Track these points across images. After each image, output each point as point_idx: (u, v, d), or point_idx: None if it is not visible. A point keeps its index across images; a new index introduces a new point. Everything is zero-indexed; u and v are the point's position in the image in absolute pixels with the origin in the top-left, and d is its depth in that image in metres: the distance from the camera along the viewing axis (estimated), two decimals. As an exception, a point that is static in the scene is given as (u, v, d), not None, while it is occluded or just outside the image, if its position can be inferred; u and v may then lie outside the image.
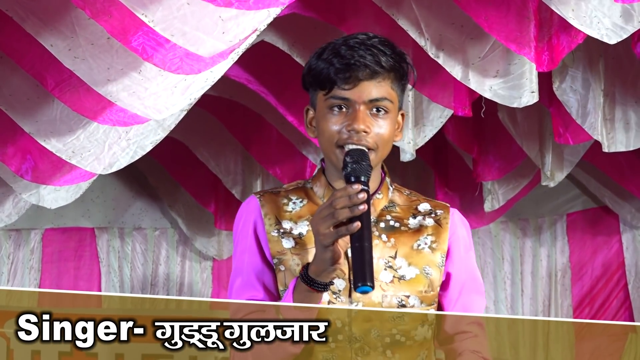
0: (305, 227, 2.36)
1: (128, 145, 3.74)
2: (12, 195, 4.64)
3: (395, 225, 2.39)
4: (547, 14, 3.72)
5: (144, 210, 5.83)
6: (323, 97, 2.36)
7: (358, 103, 2.32)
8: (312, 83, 2.39)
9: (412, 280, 2.33)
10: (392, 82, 2.36)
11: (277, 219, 2.38)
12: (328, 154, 2.37)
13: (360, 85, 2.33)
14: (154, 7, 3.07)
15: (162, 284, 5.76)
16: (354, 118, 2.32)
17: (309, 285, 2.22)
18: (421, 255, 2.36)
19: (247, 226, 2.41)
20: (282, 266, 2.34)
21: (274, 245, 2.35)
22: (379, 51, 2.35)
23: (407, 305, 2.30)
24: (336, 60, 2.33)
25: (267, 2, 3.10)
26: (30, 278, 5.58)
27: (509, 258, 5.93)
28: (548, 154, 4.92)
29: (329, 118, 2.34)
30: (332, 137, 2.34)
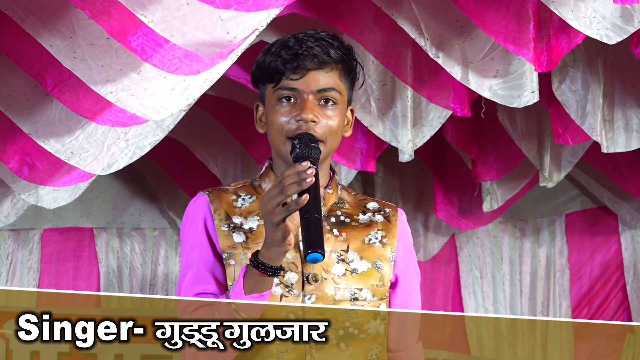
0: (255, 222, 2.36)
1: (127, 146, 3.74)
2: (10, 195, 4.63)
3: (346, 220, 2.39)
4: (546, 14, 3.72)
5: (143, 210, 5.83)
6: (272, 90, 2.37)
7: (306, 93, 2.33)
8: (260, 77, 2.40)
9: (364, 274, 2.33)
10: (341, 74, 2.37)
11: (227, 214, 2.38)
12: (277, 145, 2.38)
13: (309, 75, 2.34)
14: (153, 7, 3.06)
15: (161, 284, 5.76)
16: (302, 108, 2.33)
17: (260, 270, 2.21)
18: (372, 250, 2.37)
19: (196, 222, 2.39)
20: (232, 260, 2.34)
21: (224, 240, 2.35)
22: (328, 43, 2.38)
23: (359, 299, 2.31)
24: (284, 52, 2.35)
25: (266, 2, 3.10)
26: (29, 278, 5.58)
27: (507, 258, 5.93)
28: (546, 155, 4.92)
29: (277, 110, 2.35)
30: (281, 129, 2.35)
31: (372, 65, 4.15)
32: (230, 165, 5.37)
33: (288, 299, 2.29)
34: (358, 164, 4.74)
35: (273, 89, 2.37)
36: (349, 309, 2.28)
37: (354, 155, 4.73)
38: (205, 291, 2.34)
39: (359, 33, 4.05)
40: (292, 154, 2.30)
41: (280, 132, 2.35)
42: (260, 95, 2.44)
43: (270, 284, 2.25)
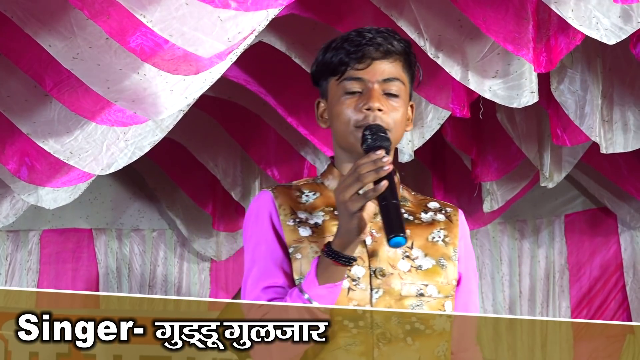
0: (320, 217, 2.35)
1: (126, 146, 3.74)
2: (9, 196, 4.64)
3: (409, 218, 2.39)
4: (545, 15, 3.72)
5: (142, 211, 5.83)
6: (336, 82, 2.36)
7: (372, 82, 2.33)
8: (322, 72, 2.38)
9: (429, 271, 2.33)
10: (403, 66, 2.37)
11: (292, 209, 2.36)
12: (344, 136, 2.36)
13: (374, 65, 2.34)
14: (152, 7, 3.06)
15: (160, 285, 5.76)
16: (369, 97, 2.32)
17: (335, 260, 2.20)
18: (436, 247, 2.37)
19: (261, 218, 2.37)
20: (298, 254, 2.32)
21: (291, 234, 2.33)
22: (389, 35, 2.37)
23: (425, 295, 2.30)
24: (347, 44, 2.35)
25: (265, 3, 3.10)
26: (28, 279, 5.58)
27: (507, 259, 5.93)
28: (547, 155, 4.92)
29: (343, 101, 2.34)
30: (349, 119, 2.33)
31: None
32: (229, 166, 5.37)
33: (355, 293, 2.28)
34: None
35: (337, 81, 2.36)
36: (415, 304, 2.28)
37: (353, 156, 4.72)
38: (274, 284, 2.31)
39: (358, 34, 4.04)
40: (364, 145, 2.28)
41: (348, 123, 2.34)
42: (322, 91, 2.42)
43: (343, 274, 2.24)
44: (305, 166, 5.27)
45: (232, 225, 5.64)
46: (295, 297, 2.24)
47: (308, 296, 2.23)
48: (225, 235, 5.74)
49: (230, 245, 5.78)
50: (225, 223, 5.67)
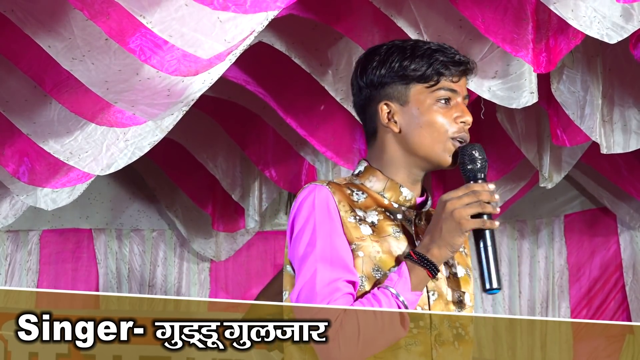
0: (375, 216, 2.35)
1: (126, 147, 3.74)
2: (9, 196, 4.64)
3: None
4: (544, 15, 3.72)
5: (142, 211, 5.83)
6: (426, 89, 2.37)
7: (460, 96, 2.39)
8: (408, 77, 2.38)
9: (462, 279, 2.38)
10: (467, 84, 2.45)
11: (350, 206, 2.35)
12: (433, 144, 2.38)
13: (462, 80, 2.40)
14: (152, 8, 3.06)
15: (159, 286, 5.76)
16: (464, 110, 2.38)
17: (429, 269, 2.24)
18: (462, 257, 2.42)
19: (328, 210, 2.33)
20: (360, 252, 2.30)
21: (352, 231, 2.31)
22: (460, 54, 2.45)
23: (463, 301, 2.35)
24: (439, 55, 2.38)
25: (264, 5, 3.10)
26: (27, 279, 5.58)
27: (506, 259, 5.93)
28: (546, 156, 4.92)
29: (437, 110, 2.37)
30: (446, 129, 2.36)
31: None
32: (229, 166, 5.38)
33: None
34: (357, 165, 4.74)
35: (428, 88, 2.37)
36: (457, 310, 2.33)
37: (353, 156, 4.73)
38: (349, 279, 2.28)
39: (357, 34, 4.05)
40: (470, 165, 2.34)
41: (441, 132, 2.36)
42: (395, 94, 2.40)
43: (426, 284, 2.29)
44: (304, 167, 5.28)
45: (232, 225, 5.64)
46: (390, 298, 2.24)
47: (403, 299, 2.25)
48: (224, 235, 5.75)
49: (229, 246, 5.78)
50: (224, 223, 5.67)
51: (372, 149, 2.46)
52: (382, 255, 2.29)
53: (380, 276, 2.28)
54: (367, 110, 2.46)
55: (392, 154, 2.42)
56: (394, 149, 2.42)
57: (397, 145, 2.41)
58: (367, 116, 2.46)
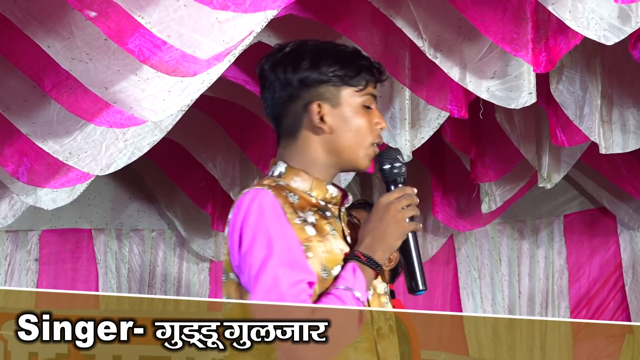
0: (312, 216, 2.36)
1: (125, 147, 3.74)
2: (8, 196, 4.64)
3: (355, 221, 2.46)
4: (544, 15, 3.72)
5: (141, 211, 5.83)
6: (356, 93, 2.38)
7: (374, 102, 2.41)
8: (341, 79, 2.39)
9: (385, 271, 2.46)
10: None
11: (292, 207, 2.36)
12: (355, 150, 2.39)
13: (377, 87, 2.44)
14: (150, 8, 3.06)
15: (159, 286, 5.76)
16: (380, 116, 2.41)
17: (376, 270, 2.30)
18: None
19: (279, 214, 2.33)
20: (310, 253, 2.30)
21: (299, 233, 2.31)
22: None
23: (387, 293, 2.38)
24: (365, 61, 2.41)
25: (263, 4, 3.10)
26: (27, 279, 5.58)
27: (506, 259, 5.93)
28: (545, 156, 4.93)
29: (363, 114, 2.40)
30: (368, 134, 2.39)
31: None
32: (228, 166, 5.38)
33: None
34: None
35: (357, 92, 2.39)
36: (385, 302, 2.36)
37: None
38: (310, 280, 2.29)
39: (356, 34, 4.05)
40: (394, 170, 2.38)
41: (364, 137, 2.38)
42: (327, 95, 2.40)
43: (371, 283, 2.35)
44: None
45: (231, 225, 5.64)
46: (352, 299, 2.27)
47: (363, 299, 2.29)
48: (224, 235, 5.74)
49: (229, 246, 5.78)
50: (224, 223, 5.63)
51: (290, 149, 2.44)
52: (327, 254, 2.30)
53: (327, 276, 2.28)
54: (289, 108, 2.42)
55: (314, 154, 2.41)
56: (316, 149, 2.41)
57: (320, 146, 2.40)
58: (289, 114, 2.42)
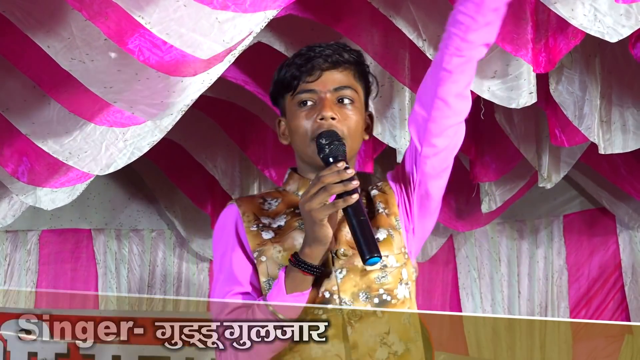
0: (283, 220, 2.41)
1: (125, 147, 3.74)
2: (8, 196, 4.63)
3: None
4: (544, 15, 3.73)
5: (141, 211, 5.83)
6: (291, 97, 2.41)
7: (324, 92, 2.38)
8: (279, 90, 2.45)
9: (385, 241, 2.37)
10: (355, 75, 2.41)
11: (255, 215, 2.43)
12: (303, 149, 2.43)
13: (324, 75, 2.40)
14: (150, 8, 3.06)
15: (159, 286, 5.76)
16: (322, 107, 2.38)
17: (302, 269, 2.26)
18: (382, 218, 2.42)
19: (227, 228, 2.44)
20: (263, 257, 2.37)
21: (254, 239, 2.39)
22: (339, 47, 2.44)
23: (387, 265, 2.34)
24: (297, 59, 2.42)
25: (263, 4, 3.10)
26: (27, 279, 5.58)
27: (505, 259, 5.93)
28: (545, 156, 4.93)
29: (299, 114, 2.40)
30: (305, 132, 2.40)
31: (369, 66, 4.15)
32: (228, 166, 5.37)
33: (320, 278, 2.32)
34: (356, 165, 4.74)
35: (292, 96, 2.40)
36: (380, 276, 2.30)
37: (352, 156, 4.73)
38: (239, 291, 2.37)
39: (356, 34, 4.05)
40: (321, 154, 2.34)
41: (305, 135, 2.39)
42: (281, 109, 2.48)
43: (310, 282, 2.30)
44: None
45: (231, 225, 5.64)
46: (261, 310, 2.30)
47: (272, 308, 2.29)
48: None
49: (229, 246, 5.78)
50: (224, 223, 5.67)
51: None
52: (284, 253, 2.34)
53: None
54: None
55: (299, 164, 2.54)
56: (297, 158, 2.53)
57: (295, 153, 2.51)
58: None
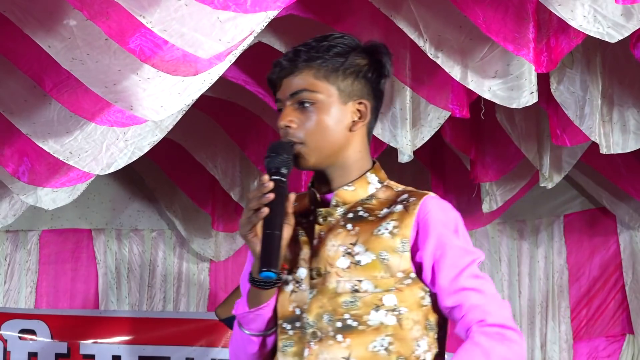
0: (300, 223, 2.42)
1: (126, 146, 3.74)
2: (8, 196, 4.63)
3: (364, 215, 2.35)
4: (545, 14, 3.73)
5: (141, 211, 5.83)
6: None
7: (284, 101, 2.36)
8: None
9: (368, 266, 2.29)
10: (317, 72, 2.34)
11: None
12: None
13: (283, 83, 2.36)
14: (151, 8, 3.06)
15: (159, 286, 5.76)
16: (282, 115, 2.35)
17: (254, 285, 2.28)
18: (379, 241, 2.31)
19: None
20: None
21: None
22: (306, 46, 2.37)
23: (359, 290, 2.26)
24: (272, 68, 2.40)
25: (264, 4, 3.10)
26: (27, 279, 5.58)
27: (506, 259, 5.93)
28: (546, 156, 4.93)
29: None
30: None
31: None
32: (229, 166, 5.37)
33: (296, 294, 2.30)
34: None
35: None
36: (349, 301, 2.26)
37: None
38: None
39: (357, 34, 4.00)
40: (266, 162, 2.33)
41: None
42: None
43: (269, 296, 2.29)
44: (304, 167, 5.27)
45: (232, 225, 5.64)
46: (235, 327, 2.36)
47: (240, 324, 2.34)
48: (224, 235, 5.74)
49: (229, 246, 5.78)
50: (224, 223, 5.67)
51: None
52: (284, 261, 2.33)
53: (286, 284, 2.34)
54: None
55: None
56: None
57: None
58: None
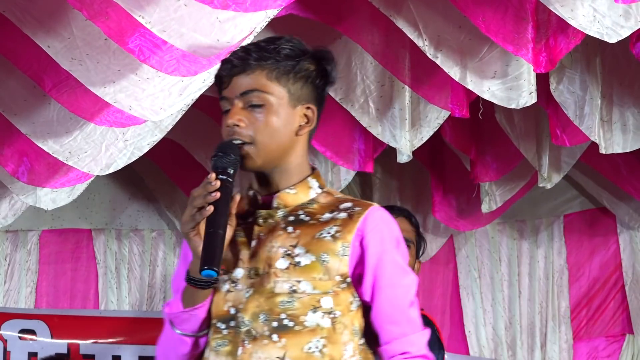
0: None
1: (125, 147, 3.74)
2: (8, 196, 4.63)
3: (305, 218, 2.35)
4: (544, 15, 3.73)
5: (141, 211, 5.83)
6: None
7: (232, 99, 2.34)
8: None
9: (307, 267, 2.29)
10: (269, 74, 2.32)
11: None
12: None
13: (233, 81, 2.34)
14: (151, 8, 3.07)
15: (159, 286, 5.76)
16: (230, 114, 2.33)
17: (191, 284, 2.27)
18: (321, 244, 2.31)
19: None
20: None
21: None
22: (256, 46, 2.35)
23: (297, 291, 2.26)
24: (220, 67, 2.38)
25: (264, 3, 3.11)
26: (27, 279, 5.57)
27: (506, 259, 5.93)
28: (545, 156, 4.92)
29: (222, 122, 2.36)
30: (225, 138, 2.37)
31: (370, 66, 4.15)
32: (228, 166, 5.36)
33: (231, 294, 2.30)
34: (356, 165, 4.74)
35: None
36: (286, 301, 2.26)
37: (352, 156, 4.73)
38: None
39: (357, 34, 4.05)
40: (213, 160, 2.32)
41: None
42: None
43: (205, 296, 2.30)
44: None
45: (231, 225, 5.63)
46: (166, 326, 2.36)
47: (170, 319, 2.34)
48: (224, 235, 5.74)
49: (229, 246, 5.77)
50: (224, 223, 5.66)
51: None
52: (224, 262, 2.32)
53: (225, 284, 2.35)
54: None
55: None
56: None
57: None
58: None
